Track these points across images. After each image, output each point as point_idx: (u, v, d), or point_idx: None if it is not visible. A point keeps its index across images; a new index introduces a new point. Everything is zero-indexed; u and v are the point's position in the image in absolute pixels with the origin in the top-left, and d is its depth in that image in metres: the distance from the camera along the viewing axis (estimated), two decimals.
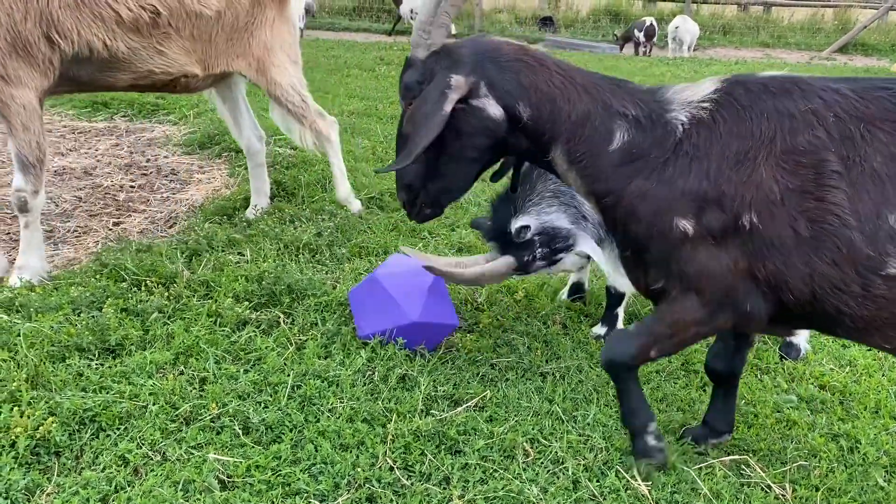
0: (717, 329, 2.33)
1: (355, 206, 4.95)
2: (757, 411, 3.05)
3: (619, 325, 3.61)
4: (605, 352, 2.47)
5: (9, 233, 4.53)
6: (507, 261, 3.23)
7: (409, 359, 3.20)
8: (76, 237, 4.58)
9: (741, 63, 15.03)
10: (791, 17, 21.78)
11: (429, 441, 2.70)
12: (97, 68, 3.79)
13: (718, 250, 2.11)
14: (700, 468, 2.67)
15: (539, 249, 3.25)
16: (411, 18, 18.07)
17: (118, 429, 2.66)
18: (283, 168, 5.70)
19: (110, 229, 4.71)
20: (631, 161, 2.17)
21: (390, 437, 2.71)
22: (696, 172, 2.10)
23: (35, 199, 3.66)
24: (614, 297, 3.58)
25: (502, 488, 2.49)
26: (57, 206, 5.08)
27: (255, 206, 4.87)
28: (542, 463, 2.64)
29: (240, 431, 2.70)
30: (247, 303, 3.49)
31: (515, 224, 3.20)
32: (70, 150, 6.44)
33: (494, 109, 2.18)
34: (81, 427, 2.65)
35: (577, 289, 3.94)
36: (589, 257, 3.47)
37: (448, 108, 2.12)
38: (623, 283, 3.40)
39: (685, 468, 2.63)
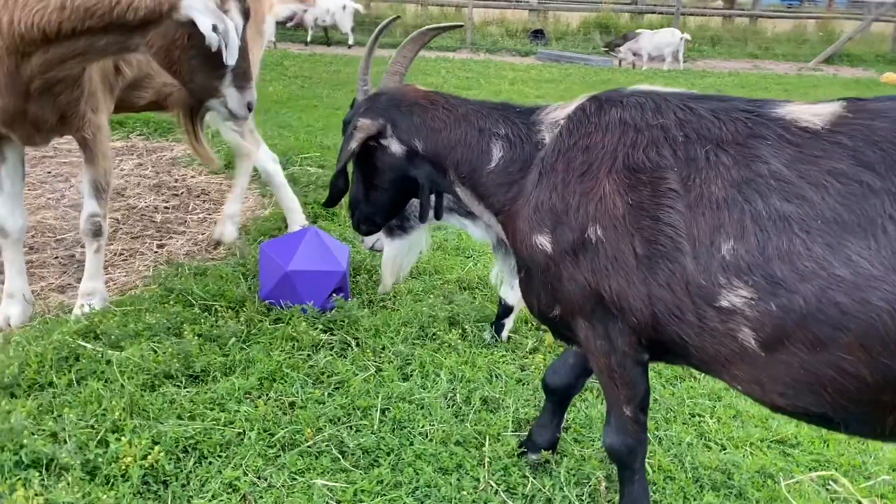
0: (629, 354, 2.10)
1: (227, 233, 4.84)
2: None
3: (506, 333, 3.67)
4: (607, 449, 2.37)
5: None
6: None
7: (488, 380, 3.25)
8: (123, 260, 4.59)
9: (734, 74, 15.26)
10: (774, 28, 22.14)
11: (525, 463, 2.76)
12: (132, 88, 3.88)
13: (574, 268, 2.07)
14: (788, 484, 2.74)
15: None
16: (313, 26, 18.08)
17: (220, 456, 2.69)
18: (319, 188, 5.72)
19: (156, 251, 4.72)
20: (508, 180, 2.28)
21: (487, 459, 2.76)
22: (545, 185, 2.13)
23: (105, 223, 3.71)
24: (502, 308, 3.66)
25: None
26: None
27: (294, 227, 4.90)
28: None
29: (338, 456, 2.74)
30: (320, 326, 3.52)
31: None
32: None
33: (396, 147, 2.43)
34: (184, 455, 2.68)
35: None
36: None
37: (353, 145, 2.41)
38: (512, 297, 3.57)
39: (777, 484, 2.71)
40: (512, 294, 3.59)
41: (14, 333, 3.44)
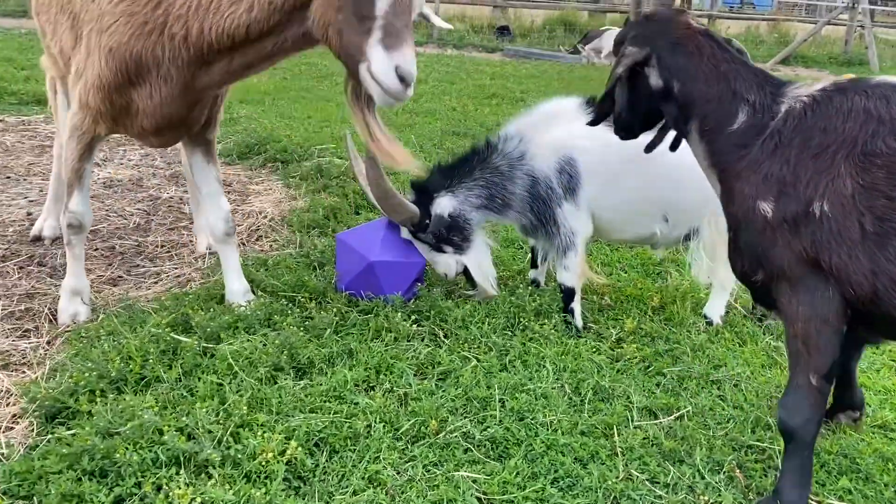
0: (833, 323, 2.23)
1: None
2: None
3: (578, 319, 3.65)
4: (781, 421, 2.42)
5: (97, 249, 4.35)
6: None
7: (592, 371, 3.22)
8: (166, 252, 4.42)
9: None
10: (727, 30, 22.68)
11: (657, 452, 2.74)
12: None
13: (793, 237, 2.22)
14: None
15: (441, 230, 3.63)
16: None
17: (351, 450, 2.60)
18: (352, 179, 5.59)
19: (194, 242, 4.55)
20: (743, 143, 2.42)
21: (619, 449, 2.73)
22: (778, 157, 2.29)
23: None
24: (564, 294, 3.68)
25: (743, 496, 2.55)
26: (126, 219, 4.89)
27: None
28: (766, 469, 2.71)
29: (468, 447, 2.68)
30: (409, 318, 3.44)
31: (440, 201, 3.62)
32: (104, 161, 6.18)
33: (655, 80, 2.59)
34: (315, 449, 2.59)
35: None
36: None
37: (619, 70, 2.61)
38: (568, 278, 3.61)
39: None
40: (568, 275, 3.58)
41: (88, 329, 3.27)
